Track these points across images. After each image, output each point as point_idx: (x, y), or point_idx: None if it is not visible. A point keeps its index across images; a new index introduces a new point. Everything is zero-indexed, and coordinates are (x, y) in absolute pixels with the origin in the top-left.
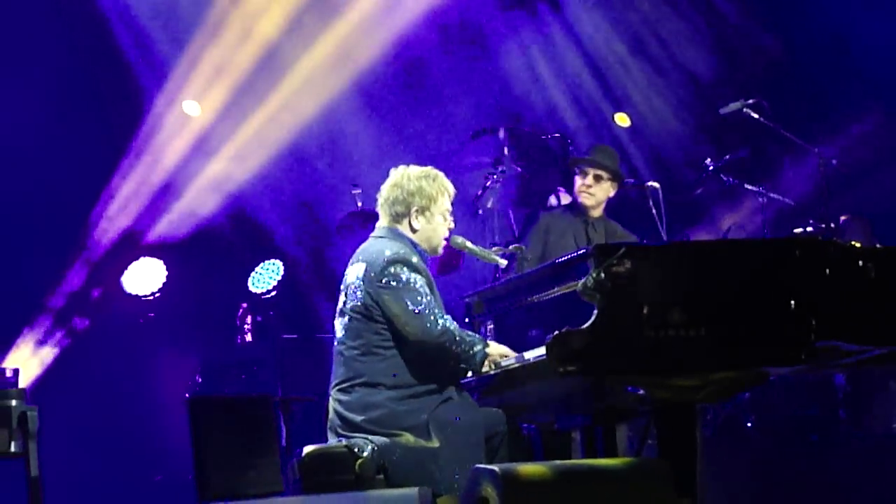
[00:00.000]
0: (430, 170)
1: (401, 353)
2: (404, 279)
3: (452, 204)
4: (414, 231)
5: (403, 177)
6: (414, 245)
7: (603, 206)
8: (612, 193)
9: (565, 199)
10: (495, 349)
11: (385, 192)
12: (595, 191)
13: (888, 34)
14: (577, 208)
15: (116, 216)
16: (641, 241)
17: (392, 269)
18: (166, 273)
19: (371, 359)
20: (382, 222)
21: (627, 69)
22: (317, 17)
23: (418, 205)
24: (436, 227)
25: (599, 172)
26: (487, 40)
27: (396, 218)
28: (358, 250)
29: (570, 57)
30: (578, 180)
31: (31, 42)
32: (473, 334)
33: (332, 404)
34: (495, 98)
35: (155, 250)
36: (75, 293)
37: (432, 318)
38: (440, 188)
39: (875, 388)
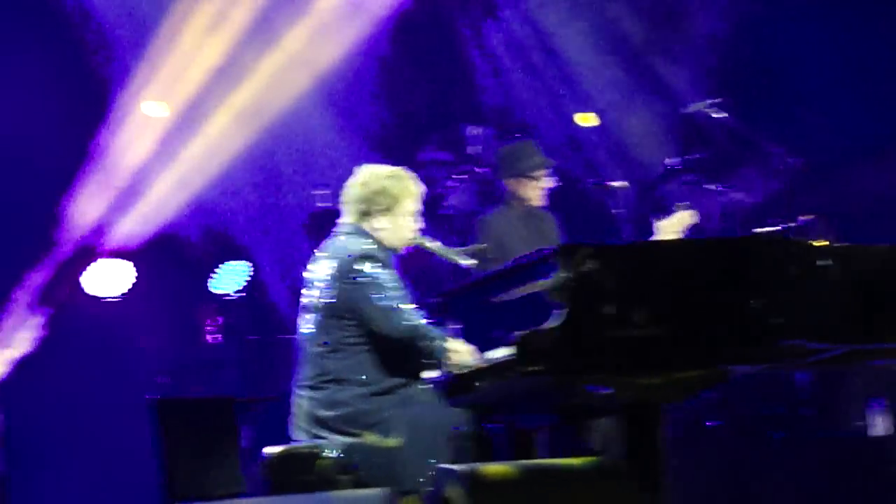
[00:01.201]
0: (396, 169)
1: (368, 349)
2: (373, 275)
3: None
4: (378, 230)
5: (369, 175)
6: (379, 243)
7: None
8: None
9: None
10: (453, 345)
11: (350, 189)
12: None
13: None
14: (510, 204)
15: (80, 217)
16: (604, 234)
17: (359, 265)
18: (131, 274)
19: (339, 356)
20: (348, 219)
21: (591, 68)
22: (280, 16)
23: (383, 204)
24: (400, 227)
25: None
26: (451, 38)
27: (361, 216)
28: (322, 247)
29: (534, 54)
30: (534, 185)
31: None
32: (437, 330)
33: (298, 401)
34: (459, 97)
35: (119, 252)
36: (39, 295)
37: (401, 313)
38: (406, 188)
39: (838, 387)
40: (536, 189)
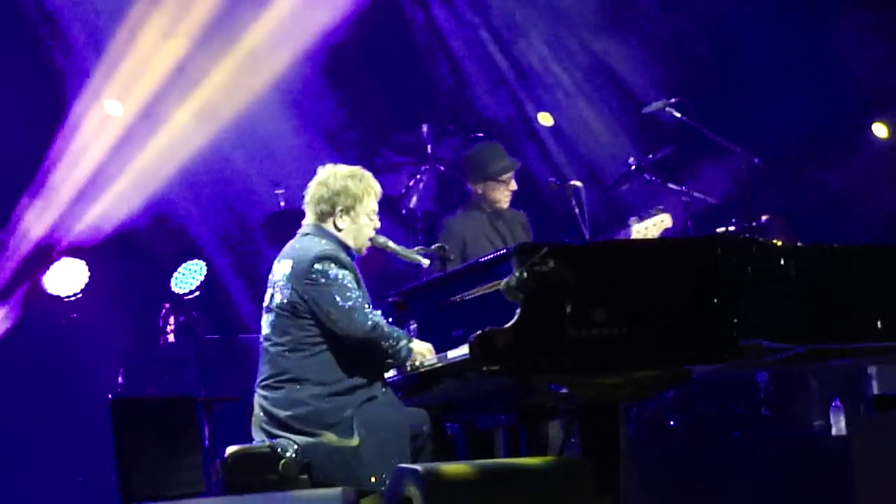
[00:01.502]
0: (357, 169)
1: (328, 349)
2: (332, 276)
3: (379, 203)
4: (339, 230)
5: (330, 175)
6: (340, 243)
7: None
8: None
9: None
10: (418, 346)
11: (311, 190)
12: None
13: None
14: (478, 206)
15: (38, 216)
16: (563, 240)
17: (320, 266)
18: (88, 274)
19: (297, 355)
20: (309, 220)
21: (550, 68)
22: (237, 16)
23: (343, 204)
24: (360, 226)
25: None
26: (409, 37)
27: (322, 216)
28: (285, 247)
29: (494, 54)
30: (503, 188)
31: None
32: (399, 330)
33: (257, 401)
34: (418, 96)
35: (77, 251)
36: None
37: (361, 313)
38: (366, 188)
39: (797, 387)
40: (504, 192)
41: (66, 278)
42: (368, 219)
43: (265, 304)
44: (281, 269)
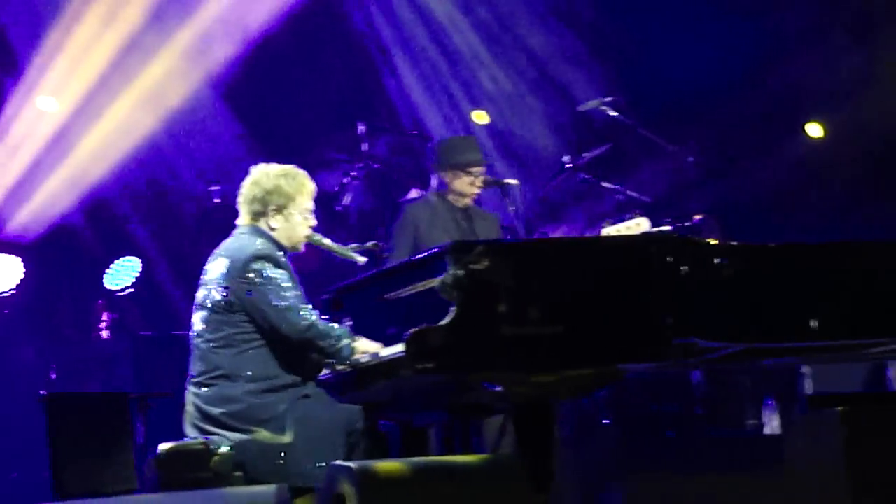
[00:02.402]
0: (289, 168)
1: (261, 346)
2: (268, 275)
3: (314, 201)
4: (272, 229)
5: (262, 175)
6: (275, 242)
7: None
8: None
9: None
10: (364, 345)
11: (244, 190)
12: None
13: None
14: (442, 197)
15: None
16: (502, 231)
17: (256, 265)
18: (23, 270)
19: (230, 351)
20: (243, 220)
21: (485, 65)
22: (173, 11)
23: (276, 203)
24: (294, 225)
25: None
26: (345, 34)
27: (255, 216)
28: (220, 247)
29: (429, 51)
30: (467, 180)
31: None
32: (341, 328)
33: (189, 398)
34: (354, 93)
35: (10, 247)
36: None
37: (298, 313)
38: (299, 186)
39: (730, 386)
40: (470, 185)
41: (0, 274)
42: (302, 217)
43: (197, 302)
44: (216, 267)
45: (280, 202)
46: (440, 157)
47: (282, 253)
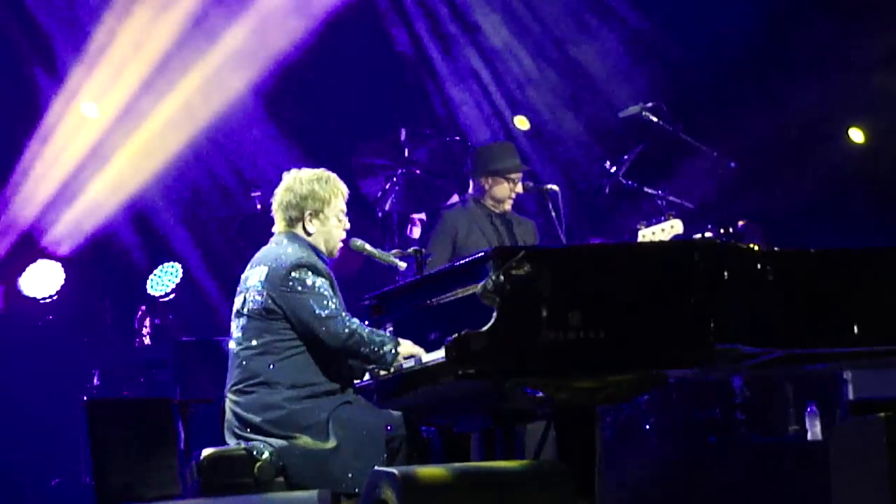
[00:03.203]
0: (322, 172)
1: (301, 353)
2: (309, 283)
3: (348, 205)
4: (309, 234)
5: (295, 181)
6: (313, 248)
7: None
8: None
9: None
10: (406, 348)
11: (278, 196)
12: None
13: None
14: (480, 203)
15: (14, 218)
16: (539, 237)
17: (296, 274)
18: (64, 275)
19: (270, 359)
20: (279, 227)
21: (526, 71)
22: (214, 18)
23: (311, 208)
24: (330, 229)
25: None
26: (389, 42)
27: (291, 222)
28: (258, 254)
29: (471, 58)
30: (506, 186)
31: None
32: (383, 333)
33: (228, 406)
34: (394, 99)
35: (53, 252)
36: None
37: (339, 321)
38: (333, 190)
39: (773, 391)
40: (508, 190)
41: (43, 280)
42: (338, 220)
43: (236, 309)
44: (255, 274)
45: (316, 207)
46: (478, 163)
47: (321, 260)
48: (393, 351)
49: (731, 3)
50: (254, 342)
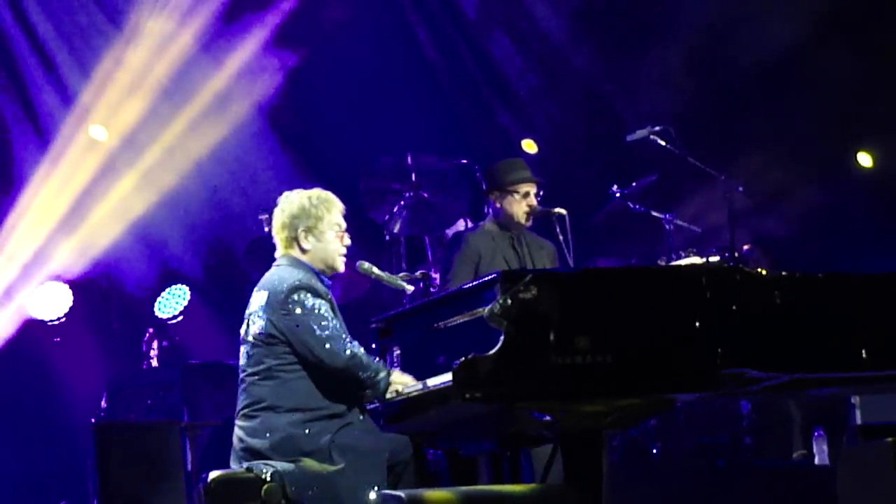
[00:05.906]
0: (314, 190)
1: (303, 377)
2: (309, 305)
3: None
4: (305, 252)
5: (286, 201)
6: (313, 270)
7: None
8: None
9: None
10: (398, 378)
11: (274, 219)
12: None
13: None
14: (500, 224)
15: (23, 240)
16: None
17: (296, 297)
18: (72, 297)
19: (272, 383)
20: (279, 251)
21: (533, 95)
22: (221, 40)
23: (304, 225)
24: (326, 244)
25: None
26: (397, 65)
27: (288, 243)
28: (262, 279)
29: (477, 80)
30: (524, 202)
31: None
32: (377, 362)
33: (236, 432)
34: (400, 122)
35: (61, 275)
36: None
37: (339, 343)
38: (324, 204)
39: (780, 416)
40: (521, 205)
41: (51, 302)
42: (334, 234)
43: (242, 335)
44: (257, 300)
45: (309, 224)
46: (489, 179)
47: (321, 283)
48: (387, 380)
49: (742, 26)
50: (257, 367)
